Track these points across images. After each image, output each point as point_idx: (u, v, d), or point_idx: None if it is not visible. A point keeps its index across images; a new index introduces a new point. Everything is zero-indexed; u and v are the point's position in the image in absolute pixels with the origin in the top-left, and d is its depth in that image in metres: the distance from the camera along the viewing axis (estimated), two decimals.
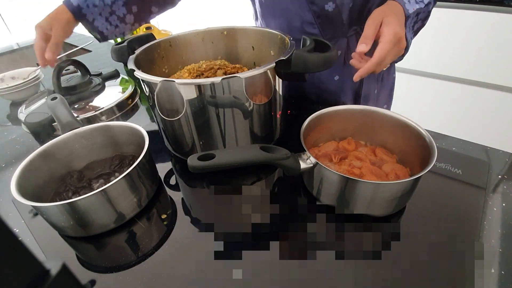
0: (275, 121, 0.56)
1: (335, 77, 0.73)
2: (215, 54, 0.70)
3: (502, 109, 1.42)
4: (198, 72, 0.63)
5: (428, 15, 0.58)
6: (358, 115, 0.53)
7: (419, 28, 0.60)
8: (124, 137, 0.55)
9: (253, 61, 0.69)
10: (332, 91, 0.75)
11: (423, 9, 0.55)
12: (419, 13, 0.55)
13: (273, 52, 0.63)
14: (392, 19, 0.50)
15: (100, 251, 0.44)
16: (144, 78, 0.47)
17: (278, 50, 0.61)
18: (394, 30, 0.49)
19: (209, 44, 0.69)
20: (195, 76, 0.62)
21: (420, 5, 0.54)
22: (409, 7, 0.53)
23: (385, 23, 0.50)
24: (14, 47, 1.38)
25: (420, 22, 0.58)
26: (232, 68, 0.65)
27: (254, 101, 0.49)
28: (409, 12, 0.52)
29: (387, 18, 0.50)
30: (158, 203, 0.51)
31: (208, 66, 0.64)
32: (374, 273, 0.38)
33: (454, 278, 0.37)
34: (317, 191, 0.46)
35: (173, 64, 0.67)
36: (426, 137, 0.45)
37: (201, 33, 0.67)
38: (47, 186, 0.49)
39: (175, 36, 0.65)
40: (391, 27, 0.49)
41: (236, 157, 0.42)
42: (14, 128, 0.77)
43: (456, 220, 0.44)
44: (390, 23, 0.49)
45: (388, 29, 0.49)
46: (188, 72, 0.63)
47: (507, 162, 0.54)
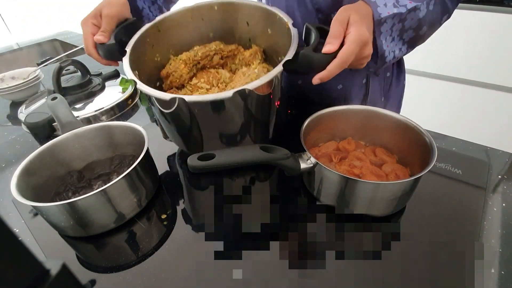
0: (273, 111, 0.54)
1: (338, 86, 0.71)
2: (206, 31, 0.64)
3: (502, 109, 1.42)
4: (194, 62, 0.60)
5: (421, 24, 0.50)
6: (358, 115, 0.53)
7: (414, 40, 0.53)
8: (124, 137, 0.55)
9: (248, 37, 0.63)
10: (335, 100, 0.72)
11: (407, 15, 0.48)
12: (404, 20, 0.48)
13: (271, 31, 0.58)
14: (358, 18, 0.45)
15: (100, 251, 0.44)
16: (151, 94, 0.45)
17: (277, 30, 0.56)
18: (360, 31, 0.44)
19: (199, 21, 0.62)
20: (191, 66, 0.60)
21: (400, 9, 0.47)
22: (382, 10, 0.46)
23: (351, 23, 0.45)
24: (14, 47, 1.38)
25: (411, 32, 0.51)
26: (228, 51, 0.62)
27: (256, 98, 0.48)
28: (381, 16, 0.46)
29: (354, 17, 0.45)
30: (158, 203, 0.51)
31: (204, 53, 0.60)
32: (374, 273, 0.38)
33: (454, 278, 0.37)
34: (317, 191, 0.46)
35: (164, 49, 0.62)
36: (426, 137, 0.45)
37: (189, 10, 0.61)
38: (47, 186, 0.49)
39: (162, 19, 0.59)
40: (357, 27, 0.44)
41: (236, 157, 0.42)
42: (14, 128, 0.77)
43: (456, 220, 0.44)
44: (356, 22, 0.45)
45: (355, 29, 0.44)
46: (184, 63, 0.59)
47: (507, 162, 0.54)
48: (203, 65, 0.61)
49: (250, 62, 0.61)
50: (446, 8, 0.53)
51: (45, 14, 0.83)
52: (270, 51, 0.62)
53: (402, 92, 0.79)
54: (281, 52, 0.57)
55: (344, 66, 0.45)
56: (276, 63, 0.59)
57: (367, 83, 0.71)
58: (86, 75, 0.82)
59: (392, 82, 0.74)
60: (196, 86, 0.59)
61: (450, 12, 0.54)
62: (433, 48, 1.43)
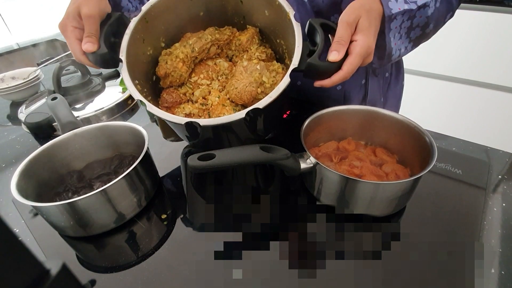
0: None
1: (338, 87, 0.71)
2: (196, 11, 0.59)
3: (502, 109, 1.42)
4: (191, 59, 0.58)
5: (428, 22, 0.50)
6: (358, 115, 0.53)
7: (420, 38, 0.52)
8: (124, 137, 0.55)
9: (243, 15, 0.59)
10: (335, 101, 0.73)
11: (416, 13, 0.47)
12: (413, 17, 0.48)
13: (268, 12, 0.54)
14: (367, 25, 0.43)
15: (100, 251, 0.44)
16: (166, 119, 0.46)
17: (274, 13, 0.53)
18: (367, 43, 0.43)
19: (188, 1, 0.57)
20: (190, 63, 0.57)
21: (410, 5, 0.46)
22: (393, 6, 0.45)
23: (360, 29, 0.43)
24: (14, 47, 1.39)
25: (418, 30, 0.50)
26: (225, 40, 0.58)
27: None
28: (392, 11, 0.45)
29: (363, 22, 0.43)
30: (158, 203, 0.51)
31: (201, 48, 0.57)
32: (374, 273, 0.38)
33: (454, 278, 0.37)
34: (317, 191, 0.46)
35: (154, 40, 0.58)
36: (426, 137, 0.45)
37: None
38: (47, 186, 0.49)
39: (148, 8, 0.54)
40: (364, 37, 0.43)
41: (236, 157, 0.42)
42: (14, 128, 0.77)
43: (456, 220, 0.44)
44: (364, 30, 0.43)
45: (361, 39, 0.43)
46: (182, 62, 0.57)
47: (507, 162, 0.54)
48: (201, 59, 0.59)
49: (247, 47, 0.58)
50: (451, 6, 0.53)
51: (45, 14, 0.82)
52: (267, 31, 0.59)
53: (401, 92, 0.79)
54: (280, 36, 0.55)
55: (347, 78, 0.45)
56: (274, 44, 0.58)
57: (366, 84, 0.71)
58: (86, 75, 0.82)
59: (391, 82, 0.75)
60: (197, 83, 0.58)
61: (454, 11, 0.54)
62: (433, 48, 1.44)
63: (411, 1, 0.47)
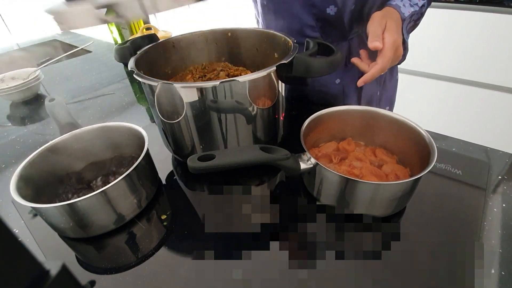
0: (278, 124, 0.56)
1: (336, 81, 0.73)
2: (218, 55, 0.69)
3: (502, 109, 1.42)
4: (200, 74, 0.62)
5: (421, 17, 0.61)
6: (358, 116, 0.53)
7: (412, 28, 0.62)
8: (124, 138, 0.55)
9: (257, 63, 0.68)
10: (334, 95, 0.75)
11: (417, 12, 0.58)
12: (413, 15, 0.58)
13: (277, 54, 0.62)
14: (393, 25, 0.52)
15: (100, 252, 0.44)
16: (143, 81, 0.47)
17: (281, 53, 0.60)
18: (393, 37, 0.51)
19: (213, 45, 0.68)
20: (197, 78, 0.61)
21: (414, 8, 0.57)
22: (404, 10, 0.55)
23: (387, 29, 0.52)
24: (14, 47, 1.39)
25: (413, 23, 0.60)
26: (234, 70, 0.64)
27: (256, 105, 0.48)
28: (405, 15, 0.55)
29: (389, 23, 0.52)
30: (158, 204, 0.51)
31: (211, 68, 0.63)
32: (374, 273, 0.38)
33: (454, 278, 0.37)
34: (317, 192, 0.46)
35: (176, 65, 0.66)
36: (426, 138, 0.45)
37: (205, 34, 0.67)
38: (47, 187, 0.49)
39: (178, 37, 0.65)
40: (391, 34, 0.51)
41: (236, 158, 0.42)
42: (14, 128, 0.77)
43: (456, 220, 0.44)
44: (391, 28, 0.52)
45: (389, 36, 0.51)
46: (191, 74, 0.62)
47: (507, 162, 0.54)
48: (209, 78, 0.62)
49: None
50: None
51: (45, 14, 0.83)
52: None
53: (396, 85, 0.84)
54: None
55: (385, 70, 0.52)
56: None
57: None
58: None
59: (386, 75, 0.78)
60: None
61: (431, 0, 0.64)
62: (433, 49, 1.44)
63: (413, 3, 0.58)
